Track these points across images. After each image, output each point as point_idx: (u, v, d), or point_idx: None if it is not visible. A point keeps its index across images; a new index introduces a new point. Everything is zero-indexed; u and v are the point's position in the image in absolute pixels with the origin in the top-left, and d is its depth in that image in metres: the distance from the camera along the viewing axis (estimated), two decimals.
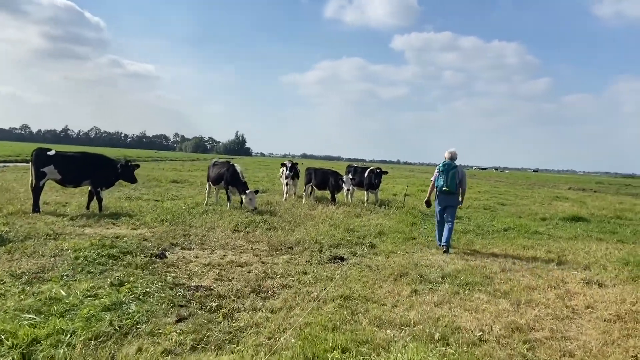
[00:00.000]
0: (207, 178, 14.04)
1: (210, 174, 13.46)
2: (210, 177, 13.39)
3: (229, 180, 12.69)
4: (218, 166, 13.41)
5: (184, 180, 22.52)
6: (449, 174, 8.92)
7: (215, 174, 13.14)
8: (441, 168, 9.03)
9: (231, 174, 12.71)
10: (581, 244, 10.33)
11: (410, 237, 9.97)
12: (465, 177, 9.25)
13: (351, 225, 10.81)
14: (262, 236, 9.00)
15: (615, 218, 16.03)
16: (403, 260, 7.76)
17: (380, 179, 15.81)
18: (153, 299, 5.11)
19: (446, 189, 8.93)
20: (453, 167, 8.96)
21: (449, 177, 8.90)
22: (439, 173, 9.07)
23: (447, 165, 8.98)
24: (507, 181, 55.86)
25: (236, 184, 12.59)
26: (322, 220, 11.39)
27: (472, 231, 11.57)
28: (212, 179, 13.26)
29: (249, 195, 12.16)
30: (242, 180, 12.64)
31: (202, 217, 10.65)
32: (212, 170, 13.44)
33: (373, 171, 15.88)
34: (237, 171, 12.76)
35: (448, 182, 8.90)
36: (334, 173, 15.04)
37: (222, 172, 12.97)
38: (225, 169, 12.97)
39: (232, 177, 12.67)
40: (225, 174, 12.82)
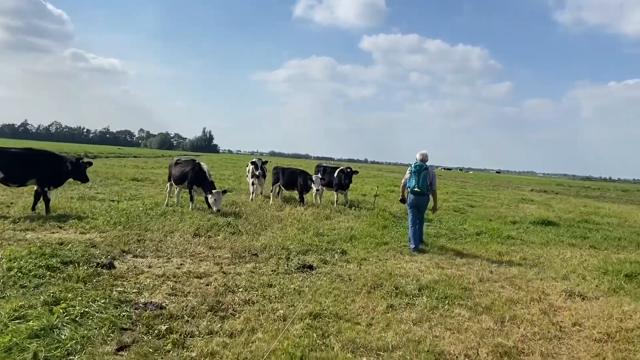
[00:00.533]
0: (168, 177, 13.15)
1: (173, 172, 12.57)
2: (173, 176, 12.51)
3: (195, 180, 11.89)
4: (181, 165, 12.55)
5: (145, 178, 21.46)
6: (420, 175, 9.08)
7: (179, 173, 12.27)
8: (413, 169, 9.18)
9: (197, 173, 11.91)
10: (555, 250, 10.10)
11: (382, 241, 9.48)
12: (435, 178, 9.47)
13: (321, 229, 10.24)
14: (225, 241, 8.32)
15: (583, 222, 16.05)
16: (376, 268, 7.25)
17: (351, 179, 15.31)
18: (92, 321, 4.39)
19: (418, 189, 9.09)
20: (424, 168, 9.14)
21: (421, 178, 9.07)
22: (411, 174, 9.21)
23: (418, 167, 9.14)
24: (472, 182, 56.63)
25: (202, 184, 11.81)
26: (290, 223, 10.79)
27: (444, 235, 11.20)
28: (175, 179, 12.39)
29: (214, 196, 11.40)
30: (209, 180, 11.89)
31: (161, 219, 9.85)
32: (175, 169, 12.56)
33: (343, 171, 15.35)
34: (203, 170, 11.97)
35: (420, 183, 9.06)
36: (302, 173, 14.44)
37: (186, 170, 12.13)
38: (190, 167, 12.13)
39: (198, 176, 11.87)
40: (190, 173, 11.99)
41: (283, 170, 14.74)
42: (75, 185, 15.89)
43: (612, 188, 63.52)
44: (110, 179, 20.18)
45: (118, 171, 25.14)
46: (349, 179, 15.12)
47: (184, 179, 12.09)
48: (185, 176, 12.08)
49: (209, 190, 11.53)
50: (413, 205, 9.27)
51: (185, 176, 12.08)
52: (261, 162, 15.70)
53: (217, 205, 11.32)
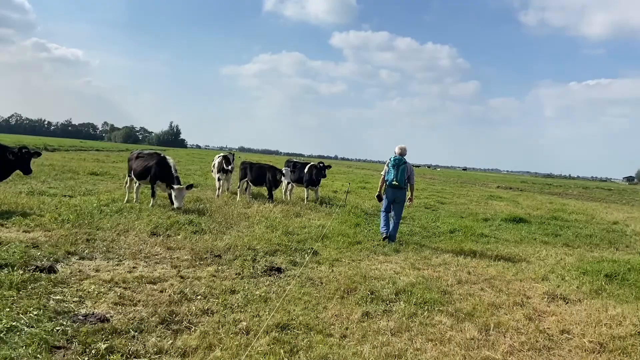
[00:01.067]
0: (128, 171, 12.28)
1: (134, 167, 11.66)
2: (134, 170, 11.60)
3: (159, 174, 11.03)
4: (144, 158, 11.66)
5: (105, 172, 20.34)
6: (398, 169, 9.12)
7: (141, 168, 11.38)
8: (391, 163, 9.21)
9: (162, 167, 11.06)
10: (530, 248, 9.85)
11: (356, 240, 9.01)
12: (413, 172, 9.51)
13: (290, 227, 9.69)
14: (185, 241, 7.66)
15: (552, 219, 16.02)
16: (349, 270, 6.75)
17: (324, 174, 14.75)
18: (20, 338, 3.72)
19: (395, 183, 9.12)
20: (403, 162, 9.18)
21: (399, 172, 9.10)
22: (390, 168, 9.22)
23: (397, 161, 9.18)
24: (440, 178, 57.06)
25: (167, 179, 10.94)
26: (257, 221, 10.18)
27: (418, 233, 10.83)
28: (136, 173, 11.50)
29: (176, 191, 10.63)
30: (175, 175, 11.03)
31: (115, 217, 9.07)
32: (136, 162, 11.67)
33: (315, 166, 14.80)
34: (169, 164, 11.13)
35: (398, 176, 9.10)
36: (271, 168, 13.82)
37: (149, 165, 11.26)
38: (155, 161, 11.25)
39: (163, 171, 11.03)
40: (154, 168, 11.12)
41: (251, 165, 14.09)
42: (28, 179, 14.83)
43: (573, 185, 65.22)
44: (66, 172, 19.02)
45: (76, 164, 23.90)
46: (321, 175, 14.60)
47: (147, 174, 11.25)
48: (148, 170, 11.23)
49: (172, 185, 10.78)
50: (390, 199, 9.32)
51: (148, 170, 11.23)
52: (233, 157, 14.98)
53: (179, 201, 10.58)
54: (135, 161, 11.75)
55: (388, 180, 9.26)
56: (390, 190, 9.30)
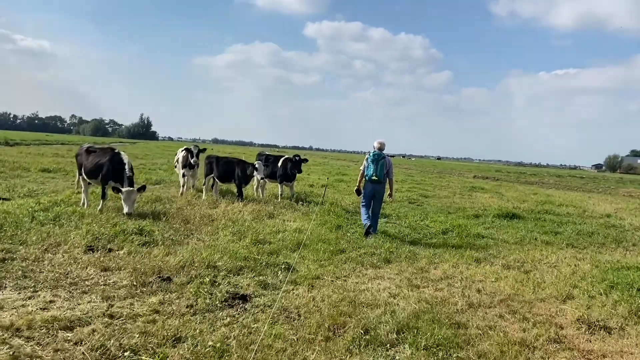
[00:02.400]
0: (78, 169, 10.51)
1: (84, 163, 9.92)
2: (84, 167, 9.88)
3: (111, 174, 9.39)
4: (96, 154, 9.95)
5: (59, 169, 18.42)
6: (378, 163, 9.09)
7: (93, 165, 9.69)
8: (371, 158, 9.18)
9: (115, 165, 9.42)
10: (535, 251, 8.67)
11: (339, 249, 7.65)
12: (392, 167, 9.45)
13: (261, 233, 8.26)
14: (129, 258, 6.14)
15: (544, 213, 15.03)
16: (334, 293, 5.39)
17: (300, 168, 13.30)
18: None
19: (375, 178, 9.09)
20: (382, 157, 9.15)
21: (378, 166, 9.08)
22: (369, 163, 9.19)
23: (376, 155, 9.15)
24: (416, 168, 56.40)
25: (120, 179, 9.33)
26: (223, 226, 8.72)
27: (408, 236, 9.55)
28: (87, 171, 9.80)
29: (125, 194, 9.01)
30: (128, 174, 9.37)
31: (49, 226, 7.46)
32: (87, 159, 9.93)
33: (290, 160, 13.36)
34: (122, 161, 9.47)
35: (377, 171, 9.07)
36: (240, 162, 12.31)
37: (101, 162, 9.59)
38: (107, 158, 9.57)
39: (116, 170, 9.38)
40: (106, 166, 9.46)
41: (217, 159, 12.54)
42: None
43: (546, 173, 65.47)
44: (16, 169, 17.09)
45: (31, 160, 21.80)
46: (297, 169, 13.16)
47: (98, 172, 9.59)
48: (99, 168, 9.56)
49: (119, 188, 9.16)
50: (370, 193, 9.30)
51: (99, 168, 9.56)
52: (197, 150, 13.39)
53: (129, 206, 8.96)
54: (85, 157, 10.03)
55: (368, 175, 9.23)
56: (369, 184, 9.26)
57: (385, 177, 9.26)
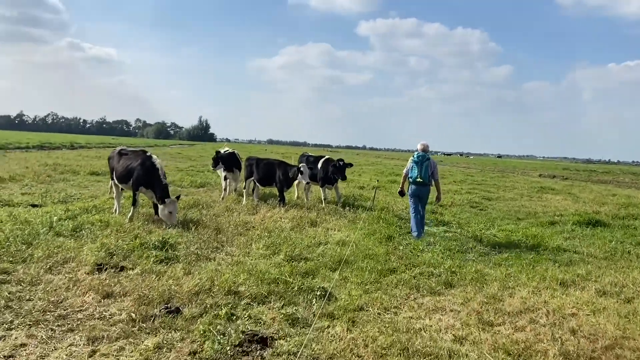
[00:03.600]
0: (110, 173, 9.82)
1: (116, 167, 9.23)
2: (116, 171, 9.17)
3: (142, 179, 8.58)
4: (127, 157, 9.22)
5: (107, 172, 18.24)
6: (422, 165, 8.92)
7: (123, 169, 8.95)
8: (415, 159, 9.01)
9: (147, 170, 8.60)
10: (636, 272, 7.01)
11: (388, 267, 6.42)
12: (437, 168, 9.27)
13: (298, 246, 7.17)
14: (139, 279, 5.21)
15: (632, 218, 12.99)
16: (380, 333, 4.19)
17: (343, 174, 11.87)
18: None
19: (420, 180, 8.92)
20: (427, 158, 9.00)
21: (423, 168, 8.90)
22: (413, 164, 9.02)
23: (420, 157, 8.99)
24: (476, 167, 53.61)
25: (153, 186, 8.53)
26: (257, 237, 7.72)
27: (472, 249, 8.14)
28: (119, 175, 9.07)
29: (168, 206, 8.20)
30: (163, 182, 8.58)
31: (62, 239, 6.70)
32: (118, 162, 9.24)
33: (331, 162, 12.14)
34: (155, 166, 8.63)
35: (422, 173, 8.90)
36: (282, 164, 11.30)
37: (132, 166, 8.82)
38: (138, 162, 8.75)
39: (148, 175, 8.56)
40: (137, 170, 8.67)
41: (258, 161, 11.60)
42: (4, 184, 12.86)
43: (619, 171, 60.37)
44: (65, 173, 17.04)
45: (85, 163, 22.00)
46: (340, 175, 11.78)
47: (129, 177, 8.81)
48: (130, 173, 8.78)
49: (161, 197, 8.33)
50: (414, 195, 9.06)
51: (130, 173, 8.78)
52: (230, 152, 12.60)
53: (173, 219, 8.18)
54: (117, 160, 9.35)
55: (412, 177, 9.02)
56: (414, 187, 9.04)
57: (430, 178, 9.04)
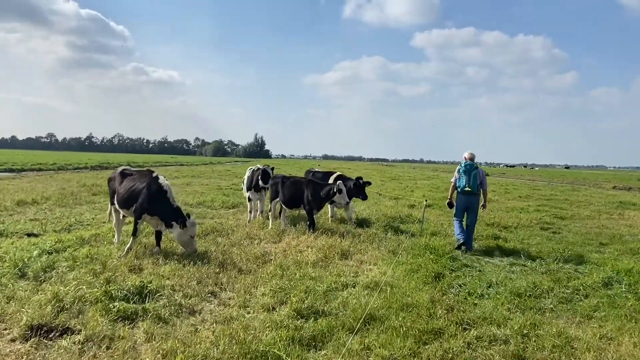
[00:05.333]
0: (110, 197, 8.38)
1: (117, 189, 7.88)
2: (118, 194, 7.78)
3: (147, 205, 7.17)
4: (131, 178, 7.81)
5: None
6: (470, 174, 8.75)
7: (125, 191, 7.57)
8: (463, 169, 8.84)
9: (153, 195, 7.19)
10: None
11: (432, 327, 4.63)
12: (485, 178, 9.06)
13: (314, 291, 5.54)
14: (73, 351, 3.78)
15: None
16: None
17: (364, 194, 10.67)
18: None
19: (468, 189, 8.73)
20: (475, 167, 8.86)
21: (471, 177, 8.73)
22: (461, 174, 8.86)
23: (468, 166, 8.81)
24: (541, 179, 49.68)
25: (160, 211, 7.17)
26: (268, 276, 6.17)
27: (550, 293, 6.14)
28: (120, 199, 7.72)
29: (190, 230, 6.86)
30: (173, 205, 7.21)
31: (22, 282, 5.45)
32: (120, 184, 7.87)
33: (344, 179, 10.90)
34: (163, 189, 7.26)
35: (470, 182, 8.71)
36: (310, 183, 9.72)
37: (136, 189, 7.40)
38: (144, 185, 7.34)
39: (154, 200, 7.18)
40: (142, 195, 7.24)
41: (283, 180, 10.08)
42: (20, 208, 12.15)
43: None
44: (98, 194, 16.35)
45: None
46: (360, 194, 10.62)
47: (132, 202, 7.43)
48: (134, 197, 7.39)
49: (177, 222, 6.91)
50: (463, 206, 8.87)
51: (134, 197, 7.39)
52: (264, 168, 11.08)
53: (194, 244, 6.88)
54: (119, 181, 7.94)
55: (460, 187, 8.82)
56: (462, 197, 8.85)
57: (479, 188, 8.82)
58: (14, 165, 33.69)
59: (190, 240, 6.84)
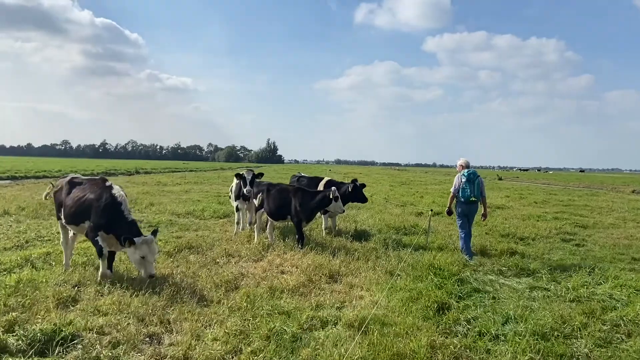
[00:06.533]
0: (56, 211, 6.94)
1: (64, 201, 6.54)
2: (65, 208, 6.56)
3: (101, 221, 5.99)
4: (81, 189, 6.58)
5: (137, 200, 16.41)
6: (474, 183, 8.47)
7: (74, 203, 6.34)
8: (466, 177, 8.48)
9: (105, 208, 6.01)
10: None
11: None
12: (484, 185, 8.78)
13: (288, 330, 4.38)
14: None
15: None
16: None
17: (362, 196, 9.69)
18: None
19: (474, 199, 8.45)
20: (477, 175, 8.61)
21: (475, 186, 8.47)
22: (465, 182, 8.48)
23: (472, 175, 8.50)
24: (556, 183, 47.94)
25: (115, 227, 5.94)
26: (234, 309, 5.03)
27: (582, 331, 4.89)
28: (67, 214, 6.42)
29: (140, 249, 5.61)
30: (128, 218, 6.00)
31: None
32: (68, 195, 6.59)
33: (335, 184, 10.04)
34: (116, 200, 6.06)
35: (475, 192, 8.45)
36: (299, 191, 8.56)
37: (87, 200, 6.20)
38: (95, 195, 6.18)
39: (107, 214, 5.99)
40: (93, 208, 6.09)
41: (268, 188, 8.93)
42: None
43: None
44: None
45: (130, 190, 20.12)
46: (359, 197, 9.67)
47: (82, 217, 6.24)
48: (84, 211, 6.19)
49: (129, 238, 5.66)
50: (464, 214, 8.58)
51: (84, 211, 6.19)
52: (252, 175, 9.91)
53: (150, 267, 5.64)
54: (66, 192, 6.66)
55: (465, 197, 8.48)
56: (465, 205, 8.56)
57: (480, 196, 8.59)
58: (17, 172, 33.05)
59: (142, 262, 5.66)
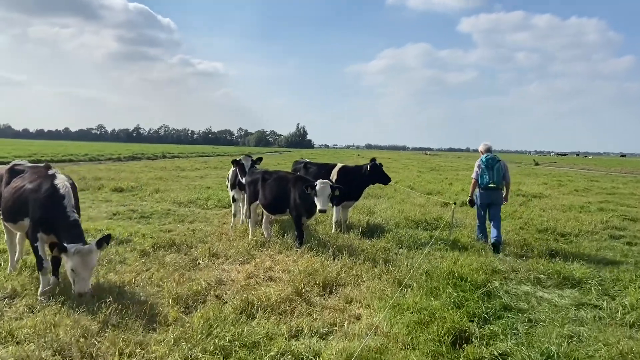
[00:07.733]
0: None
1: (3, 193, 5.41)
2: (3, 201, 5.36)
3: (40, 218, 4.89)
4: (20, 178, 5.36)
5: (137, 186, 15.55)
6: (493, 169, 8.06)
7: (10, 196, 5.19)
8: (484, 163, 8.13)
9: (45, 200, 4.88)
10: None
11: None
12: (508, 169, 8.35)
13: None
14: None
15: None
16: None
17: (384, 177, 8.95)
18: None
19: (493, 185, 8.07)
20: (497, 160, 8.18)
21: (494, 172, 8.05)
22: (483, 169, 8.12)
23: (491, 160, 8.14)
24: (596, 168, 45.10)
25: (55, 225, 4.82)
26: (183, 338, 3.91)
27: None
28: (4, 209, 5.34)
29: (72, 259, 4.40)
30: (70, 217, 4.81)
31: None
32: (7, 186, 5.38)
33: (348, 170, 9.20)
34: (58, 192, 4.89)
35: (494, 177, 8.05)
36: (299, 180, 7.30)
37: (24, 192, 5.07)
38: (33, 186, 5.06)
39: (48, 208, 4.85)
40: (31, 200, 4.97)
41: (264, 176, 7.71)
42: None
43: None
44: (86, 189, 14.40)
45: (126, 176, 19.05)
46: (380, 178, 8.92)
47: (20, 214, 5.08)
48: (21, 206, 5.06)
49: (59, 245, 4.45)
50: (485, 203, 8.19)
51: (21, 206, 5.06)
52: (251, 161, 8.75)
53: (82, 283, 4.41)
54: (5, 182, 5.49)
55: (484, 184, 8.08)
56: (485, 193, 8.15)
57: (503, 181, 8.19)
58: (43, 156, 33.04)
59: (73, 275, 4.46)
